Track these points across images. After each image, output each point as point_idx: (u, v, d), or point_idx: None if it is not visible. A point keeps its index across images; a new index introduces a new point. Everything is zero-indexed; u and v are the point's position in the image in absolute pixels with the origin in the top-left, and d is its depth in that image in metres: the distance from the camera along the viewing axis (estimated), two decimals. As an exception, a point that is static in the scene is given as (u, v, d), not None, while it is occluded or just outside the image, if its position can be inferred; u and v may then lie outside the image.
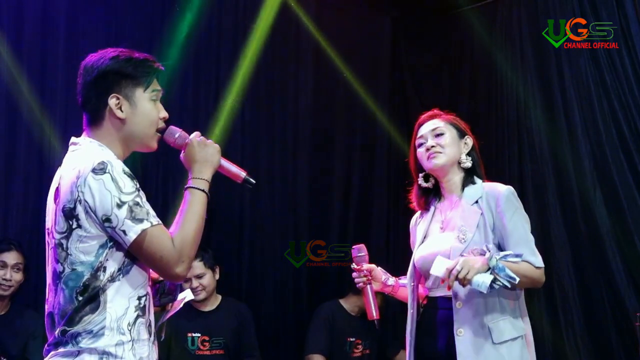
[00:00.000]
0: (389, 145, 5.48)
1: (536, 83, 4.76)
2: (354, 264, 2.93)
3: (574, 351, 4.45)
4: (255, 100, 5.12)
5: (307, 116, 5.25)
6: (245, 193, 5.00)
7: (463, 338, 2.65)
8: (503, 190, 2.76)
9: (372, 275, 2.93)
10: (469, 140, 2.87)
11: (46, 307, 2.13)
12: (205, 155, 2.22)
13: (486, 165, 2.93)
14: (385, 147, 5.47)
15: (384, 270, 2.99)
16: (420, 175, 2.91)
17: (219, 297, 4.46)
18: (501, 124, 4.92)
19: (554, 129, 4.65)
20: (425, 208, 2.93)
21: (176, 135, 2.26)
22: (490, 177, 2.92)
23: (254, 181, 2.33)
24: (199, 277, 4.32)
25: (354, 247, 2.98)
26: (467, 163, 2.83)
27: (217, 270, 4.42)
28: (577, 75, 4.53)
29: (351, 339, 4.63)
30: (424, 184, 2.91)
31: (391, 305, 5.23)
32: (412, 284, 2.86)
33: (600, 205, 4.41)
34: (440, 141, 2.84)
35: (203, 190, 2.17)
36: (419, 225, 2.96)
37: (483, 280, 2.52)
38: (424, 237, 2.88)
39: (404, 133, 5.49)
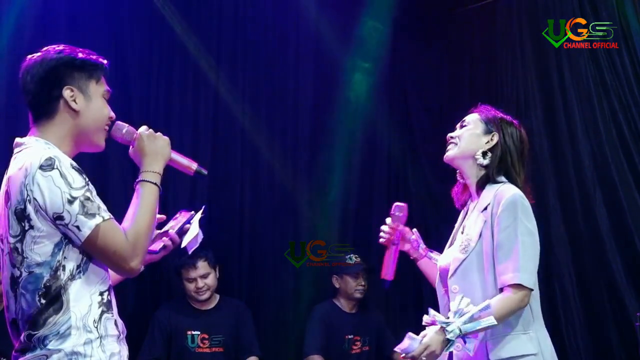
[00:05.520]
0: (389, 144, 5.48)
1: (536, 83, 4.76)
2: (389, 219, 2.79)
3: (574, 351, 4.46)
4: (255, 100, 5.12)
5: (307, 116, 5.24)
6: (246, 193, 5.00)
7: (461, 352, 2.52)
8: (508, 195, 2.53)
9: (403, 239, 2.82)
10: (495, 138, 2.64)
11: (6, 314, 2.09)
12: (155, 147, 2.18)
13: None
14: (385, 147, 5.47)
15: (419, 236, 2.88)
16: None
17: (217, 296, 4.49)
18: (501, 124, 4.91)
19: (554, 129, 4.65)
20: (460, 204, 2.76)
21: (123, 131, 2.22)
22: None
23: (205, 172, 2.29)
24: (204, 277, 4.34)
25: (396, 204, 2.83)
26: (482, 160, 2.62)
27: (217, 269, 4.44)
28: (577, 75, 4.53)
29: (349, 336, 4.64)
30: (460, 179, 2.74)
31: (391, 303, 5.25)
32: (442, 289, 2.68)
33: (600, 205, 4.41)
34: (461, 132, 2.69)
35: (155, 183, 2.12)
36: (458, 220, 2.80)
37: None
38: (452, 240, 2.73)
39: (404, 133, 5.49)
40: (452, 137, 2.70)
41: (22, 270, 2.00)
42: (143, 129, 2.21)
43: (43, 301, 1.99)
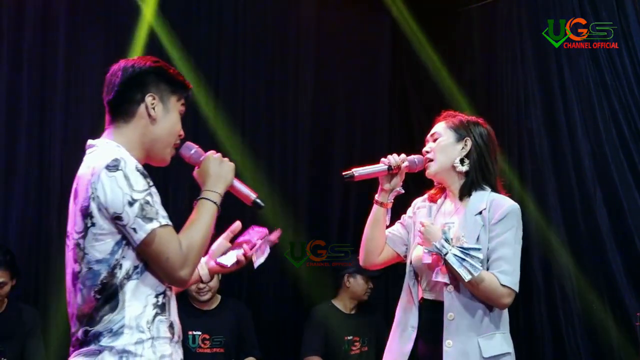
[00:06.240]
0: (389, 145, 5.48)
1: (536, 83, 4.76)
2: (404, 155, 2.83)
3: (574, 351, 4.46)
4: (255, 100, 5.13)
5: (307, 116, 5.25)
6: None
7: (452, 350, 2.57)
8: (507, 205, 2.65)
9: (397, 175, 2.84)
10: (468, 143, 2.72)
11: (69, 310, 2.14)
12: (220, 170, 2.27)
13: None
14: (385, 147, 5.46)
15: (400, 192, 2.91)
16: None
17: (219, 297, 4.50)
18: (501, 124, 4.91)
19: (554, 129, 4.65)
20: (434, 199, 2.84)
21: (192, 151, 2.30)
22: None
23: (263, 204, 2.40)
24: None
25: (423, 158, 2.81)
26: (461, 167, 2.71)
27: (220, 270, 4.45)
28: (577, 75, 4.53)
29: (348, 337, 4.65)
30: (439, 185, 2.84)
31: (390, 303, 5.25)
32: (411, 282, 2.76)
33: (600, 205, 4.41)
34: (434, 146, 2.76)
35: (215, 203, 2.22)
36: (419, 213, 2.86)
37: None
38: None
39: (404, 133, 5.49)
40: (427, 152, 2.78)
41: (82, 266, 2.06)
42: (212, 152, 2.29)
43: (98, 297, 2.04)
